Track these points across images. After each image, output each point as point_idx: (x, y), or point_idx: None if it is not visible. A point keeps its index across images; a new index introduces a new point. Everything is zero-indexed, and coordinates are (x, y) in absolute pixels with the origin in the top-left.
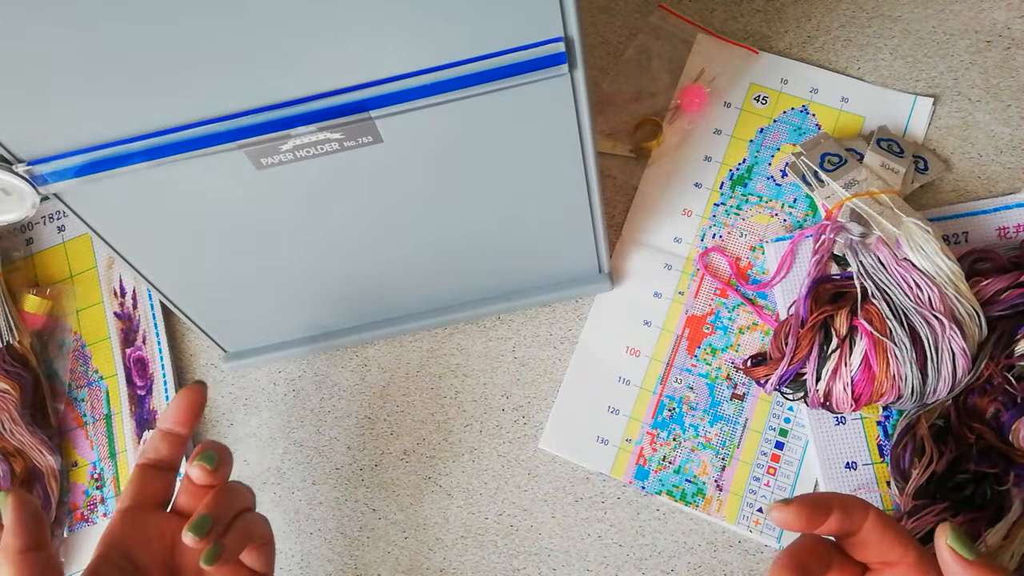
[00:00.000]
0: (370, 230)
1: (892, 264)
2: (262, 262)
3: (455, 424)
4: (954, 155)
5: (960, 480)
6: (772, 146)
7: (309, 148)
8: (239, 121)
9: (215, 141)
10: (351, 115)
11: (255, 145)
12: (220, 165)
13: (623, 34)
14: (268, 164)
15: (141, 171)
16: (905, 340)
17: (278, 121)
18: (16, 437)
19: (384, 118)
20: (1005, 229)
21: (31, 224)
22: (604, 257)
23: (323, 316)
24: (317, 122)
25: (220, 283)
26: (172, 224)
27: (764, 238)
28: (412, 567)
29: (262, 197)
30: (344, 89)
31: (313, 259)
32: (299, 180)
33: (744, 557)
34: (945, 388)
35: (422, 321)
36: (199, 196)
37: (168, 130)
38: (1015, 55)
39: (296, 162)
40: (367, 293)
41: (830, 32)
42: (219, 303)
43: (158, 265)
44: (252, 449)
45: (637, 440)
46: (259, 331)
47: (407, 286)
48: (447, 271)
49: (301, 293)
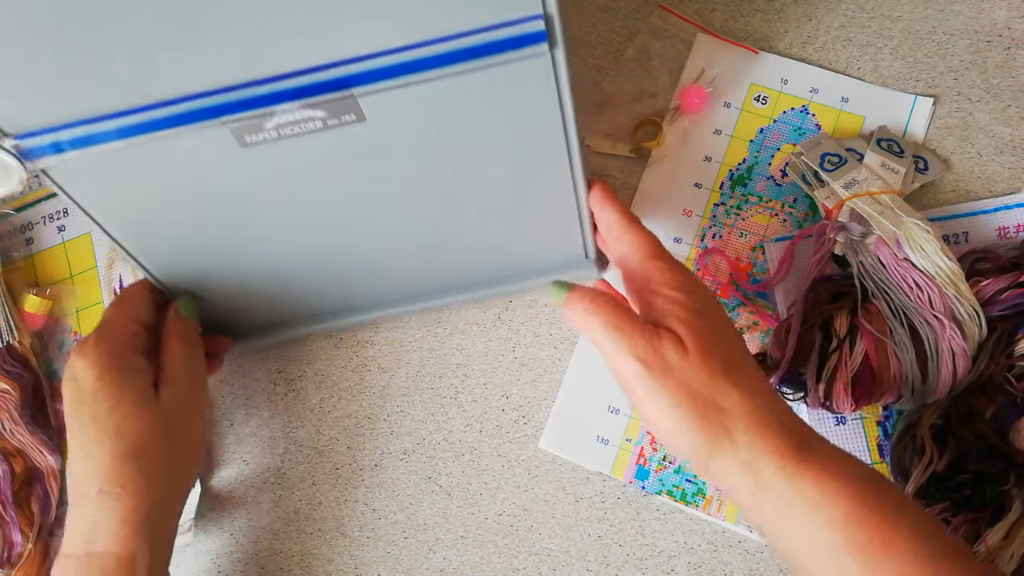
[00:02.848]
0: (356, 212)
1: (892, 264)
2: (249, 243)
3: (455, 424)
4: (954, 155)
5: (960, 480)
6: (772, 146)
7: (293, 126)
8: (222, 97)
9: (199, 117)
10: (333, 92)
11: (239, 122)
12: (205, 142)
13: (623, 34)
14: (252, 142)
15: (128, 148)
16: (905, 340)
17: (261, 97)
18: (16, 437)
19: (366, 96)
20: (1005, 229)
21: (31, 224)
22: (590, 242)
23: (312, 299)
24: (300, 99)
25: (209, 264)
26: (160, 204)
27: (764, 238)
28: (412, 567)
29: (248, 176)
30: (326, 65)
31: (300, 241)
32: (284, 160)
33: (744, 557)
34: (945, 388)
35: (409, 306)
36: (186, 175)
37: (152, 105)
38: (1015, 55)
39: (280, 140)
40: (355, 276)
41: (830, 32)
42: (208, 285)
43: (147, 245)
44: (252, 449)
45: (637, 440)
46: (246, 316)
47: (394, 270)
48: (433, 254)
49: (289, 275)
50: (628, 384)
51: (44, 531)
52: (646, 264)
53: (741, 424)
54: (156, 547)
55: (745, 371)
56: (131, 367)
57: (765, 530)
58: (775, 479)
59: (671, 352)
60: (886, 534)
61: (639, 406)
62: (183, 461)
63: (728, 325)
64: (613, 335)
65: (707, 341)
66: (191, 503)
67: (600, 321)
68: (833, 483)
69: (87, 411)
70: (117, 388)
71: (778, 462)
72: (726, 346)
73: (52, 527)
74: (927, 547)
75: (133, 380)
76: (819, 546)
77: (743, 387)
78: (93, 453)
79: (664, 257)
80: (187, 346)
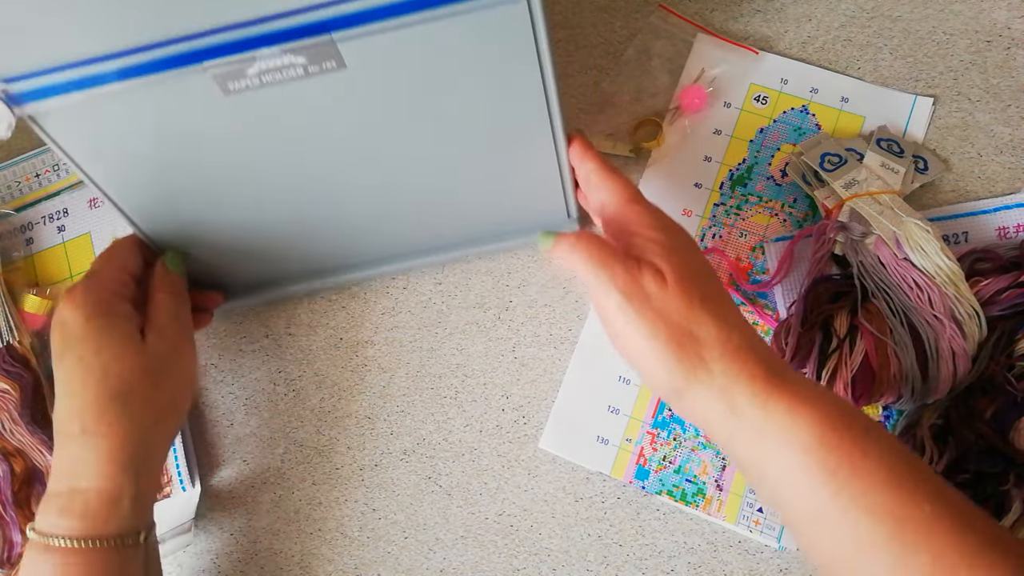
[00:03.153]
0: (338, 164)
1: (892, 264)
2: (234, 196)
3: (455, 424)
4: (954, 155)
5: (960, 480)
6: (772, 146)
7: (274, 73)
8: (203, 41)
9: (181, 62)
10: (313, 36)
11: (221, 67)
12: (189, 90)
13: (623, 34)
14: (235, 90)
15: (113, 95)
16: (905, 340)
17: (241, 42)
18: (16, 437)
19: (346, 41)
20: (1005, 229)
21: (31, 224)
22: (572, 201)
23: (299, 255)
24: (280, 43)
25: (196, 218)
26: (146, 155)
27: (764, 238)
28: (412, 567)
29: (231, 126)
30: (305, 8)
31: (285, 194)
32: (267, 109)
33: (744, 557)
34: (945, 388)
35: (395, 264)
36: (171, 124)
37: (135, 49)
38: (1015, 55)
39: (262, 88)
40: (340, 232)
41: (830, 32)
42: (196, 240)
43: (134, 198)
44: (252, 449)
45: (637, 440)
46: (235, 273)
47: (377, 226)
48: (415, 210)
49: (275, 229)
50: (608, 316)
51: None
52: (624, 209)
53: (715, 352)
54: (142, 484)
55: (721, 303)
56: (118, 312)
57: (739, 461)
58: (748, 405)
59: (650, 283)
60: (856, 460)
61: (618, 338)
62: (169, 404)
63: (705, 263)
64: (596, 269)
65: (685, 273)
66: (191, 503)
67: (584, 256)
68: (804, 409)
69: (73, 353)
70: (104, 332)
71: (752, 388)
72: (703, 280)
73: None
74: (892, 474)
75: (120, 325)
76: (792, 472)
77: (719, 317)
78: (78, 393)
79: (641, 201)
80: (174, 298)
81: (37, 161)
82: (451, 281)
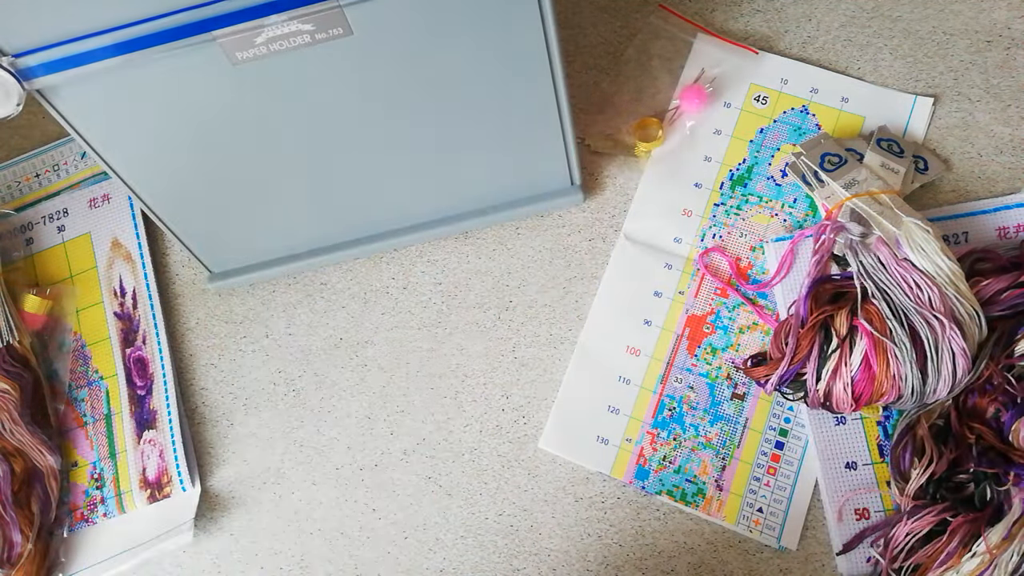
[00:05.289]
0: (345, 133)
1: (892, 264)
2: (242, 169)
3: (455, 424)
4: (954, 155)
5: (960, 480)
6: (772, 146)
7: (282, 40)
8: (212, 9)
9: (190, 32)
10: (321, 2)
11: (229, 36)
12: (198, 60)
13: (623, 34)
14: (244, 59)
15: (122, 67)
16: (905, 340)
17: (249, 9)
18: (16, 437)
19: (352, 6)
20: (1005, 229)
21: (31, 224)
22: (575, 168)
23: (302, 231)
24: (287, 9)
25: (202, 192)
26: (154, 126)
27: (764, 238)
28: (412, 567)
29: (240, 96)
30: None
31: (291, 165)
32: (274, 77)
33: (744, 557)
34: (945, 388)
35: (399, 238)
36: (180, 95)
37: (143, 20)
38: (1015, 55)
39: (270, 56)
40: (343, 204)
41: (830, 32)
42: (201, 214)
43: (141, 172)
44: (252, 449)
45: (637, 440)
46: (241, 248)
47: (382, 197)
48: (421, 178)
49: (281, 203)
50: None
51: (44, 531)
52: None
53: None
54: None
55: None
56: None
57: None
58: None
59: None
60: None
61: None
62: None
63: None
64: None
65: None
66: (191, 503)
67: None
68: None
69: None
70: None
71: None
72: None
73: (52, 527)
74: None
75: None
76: None
77: None
78: None
79: None
80: None
81: (37, 161)
82: (451, 281)
